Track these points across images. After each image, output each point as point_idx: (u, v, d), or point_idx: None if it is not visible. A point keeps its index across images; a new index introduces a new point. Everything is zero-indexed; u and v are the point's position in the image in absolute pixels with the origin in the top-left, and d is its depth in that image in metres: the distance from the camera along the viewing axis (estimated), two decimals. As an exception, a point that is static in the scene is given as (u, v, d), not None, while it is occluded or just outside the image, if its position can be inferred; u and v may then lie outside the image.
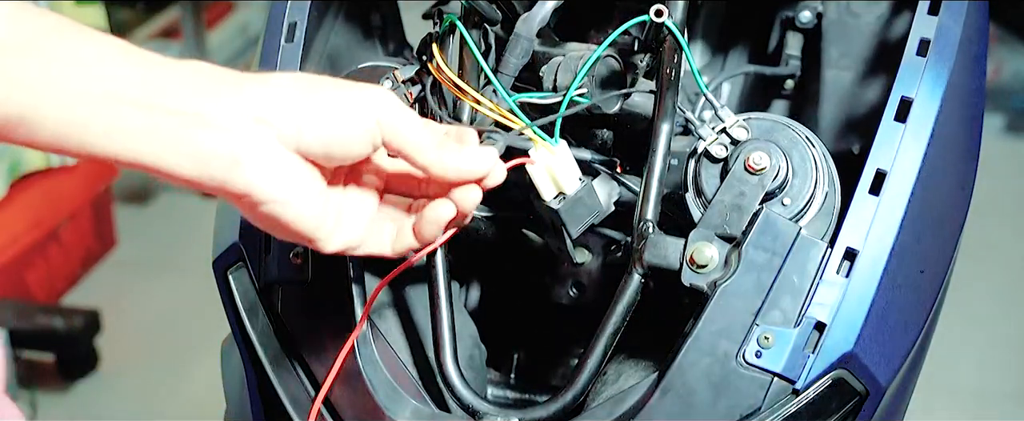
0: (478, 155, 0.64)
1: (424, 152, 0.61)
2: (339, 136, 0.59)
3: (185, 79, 0.57)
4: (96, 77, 0.55)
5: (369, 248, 0.65)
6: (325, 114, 0.59)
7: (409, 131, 0.61)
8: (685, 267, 0.70)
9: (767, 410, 0.68)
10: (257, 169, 0.57)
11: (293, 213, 0.59)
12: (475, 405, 0.74)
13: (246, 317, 0.80)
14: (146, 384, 2.15)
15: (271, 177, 0.58)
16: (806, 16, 1.02)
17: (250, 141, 0.57)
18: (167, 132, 0.56)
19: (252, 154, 0.57)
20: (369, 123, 0.60)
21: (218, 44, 3.03)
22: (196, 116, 0.56)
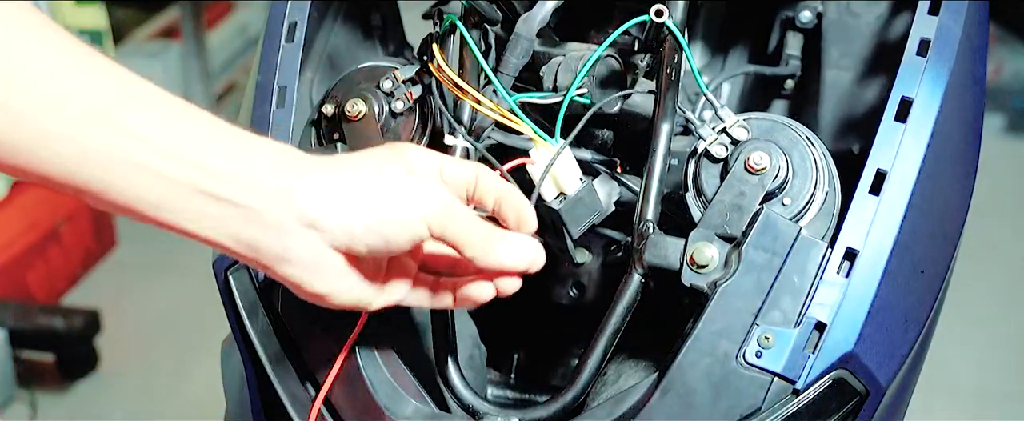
0: (524, 247, 0.66)
1: (473, 246, 0.64)
2: (387, 238, 0.61)
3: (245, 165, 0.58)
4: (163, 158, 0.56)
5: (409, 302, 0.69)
6: (375, 220, 0.60)
7: (459, 228, 0.63)
8: (685, 267, 0.70)
9: (767, 410, 0.68)
10: (303, 267, 0.60)
11: (336, 300, 0.63)
12: (475, 405, 0.74)
13: (246, 317, 0.80)
14: (146, 384, 2.15)
15: (316, 274, 0.61)
16: (806, 16, 1.02)
17: (299, 241, 0.60)
18: (222, 220, 0.58)
19: (299, 254, 0.60)
20: (418, 225, 0.62)
21: (218, 44, 3.03)
22: (249, 212, 0.58)
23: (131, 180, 0.56)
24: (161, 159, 0.56)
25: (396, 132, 0.84)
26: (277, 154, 0.60)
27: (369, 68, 0.86)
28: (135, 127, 0.56)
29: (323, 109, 0.86)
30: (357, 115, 0.82)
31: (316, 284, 0.61)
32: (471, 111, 0.80)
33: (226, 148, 0.58)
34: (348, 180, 0.61)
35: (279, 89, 0.85)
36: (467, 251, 0.64)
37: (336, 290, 0.62)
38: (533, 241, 0.67)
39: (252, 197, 0.58)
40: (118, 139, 0.55)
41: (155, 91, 0.58)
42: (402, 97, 0.84)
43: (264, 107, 0.85)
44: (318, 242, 0.60)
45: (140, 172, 0.56)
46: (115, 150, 0.55)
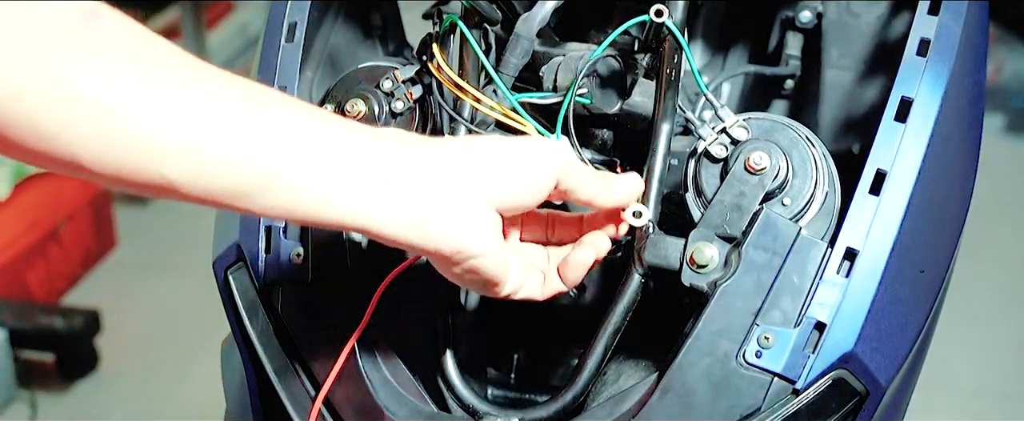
0: (629, 182, 0.71)
1: (592, 188, 0.68)
2: (530, 189, 0.64)
3: (395, 149, 0.60)
4: (322, 149, 0.57)
5: (525, 293, 0.70)
6: (517, 170, 0.64)
7: (582, 173, 0.67)
8: (685, 267, 0.70)
9: (767, 410, 0.68)
10: (469, 229, 0.62)
11: (491, 263, 0.64)
12: (475, 405, 0.74)
13: (246, 317, 0.80)
14: (146, 384, 2.15)
15: (479, 234, 0.63)
16: (806, 16, 1.02)
17: (462, 205, 0.62)
18: (390, 202, 0.59)
19: (464, 216, 0.62)
20: (550, 173, 0.65)
21: (218, 44, 3.03)
22: (414, 185, 0.60)
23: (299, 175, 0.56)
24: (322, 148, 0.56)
25: (396, 132, 0.84)
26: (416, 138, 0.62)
27: (369, 68, 0.86)
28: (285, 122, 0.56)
29: (323, 109, 0.85)
30: (357, 115, 0.82)
31: (481, 244, 0.63)
32: (471, 111, 0.80)
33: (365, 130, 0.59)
34: (489, 146, 0.64)
35: (279, 89, 0.85)
36: (586, 194, 0.67)
37: (492, 250, 0.64)
38: (633, 174, 0.72)
39: (414, 173, 0.60)
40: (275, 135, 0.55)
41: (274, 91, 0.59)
42: (402, 97, 0.84)
43: (264, 107, 0.85)
44: (478, 201, 0.62)
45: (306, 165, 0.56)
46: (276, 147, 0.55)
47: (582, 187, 0.67)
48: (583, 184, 0.67)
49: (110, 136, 0.51)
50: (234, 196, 0.55)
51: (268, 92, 0.58)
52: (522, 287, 0.70)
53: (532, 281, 0.71)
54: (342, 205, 0.58)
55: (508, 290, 0.68)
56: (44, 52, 0.49)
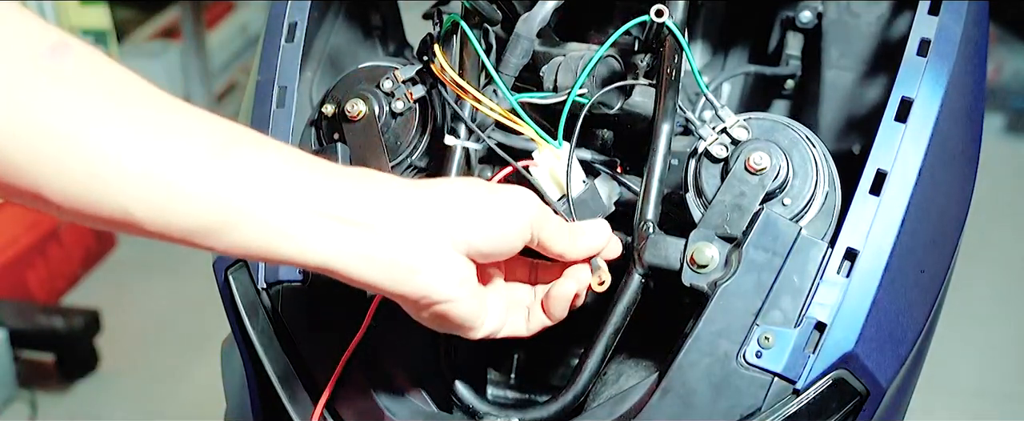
0: (597, 232, 0.71)
1: (562, 240, 0.68)
2: (504, 238, 0.64)
3: (364, 191, 0.60)
4: (286, 190, 0.56)
5: (508, 331, 0.70)
6: (490, 218, 0.64)
7: (553, 227, 0.67)
8: (685, 267, 0.70)
9: (767, 410, 0.68)
10: (434, 274, 0.61)
11: (461, 309, 0.64)
12: (475, 405, 0.74)
13: (246, 317, 0.80)
14: (146, 384, 2.15)
15: (446, 280, 0.62)
16: (806, 16, 1.02)
17: (428, 251, 0.61)
18: (353, 244, 0.59)
19: (429, 262, 0.61)
20: (524, 223, 0.65)
21: (218, 44, 3.03)
22: (379, 229, 0.59)
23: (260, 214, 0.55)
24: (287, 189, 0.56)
25: (396, 132, 0.84)
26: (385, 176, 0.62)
27: (369, 68, 0.86)
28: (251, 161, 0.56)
29: (323, 109, 0.86)
30: (357, 115, 0.82)
31: (447, 291, 0.62)
32: (472, 111, 0.80)
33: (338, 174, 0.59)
34: (463, 191, 0.64)
35: (279, 89, 0.85)
36: (556, 247, 0.68)
37: (461, 297, 0.63)
38: (603, 223, 0.72)
39: (377, 213, 0.59)
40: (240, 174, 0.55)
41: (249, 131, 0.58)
42: (402, 97, 0.84)
43: (264, 107, 0.85)
44: (446, 247, 0.62)
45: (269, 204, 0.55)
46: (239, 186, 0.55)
47: (553, 241, 0.68)
48: (554, 238, 0.68)
49: (74, 169, 0.51)
50: (197, 234, 0.55)
51: (238, 131, 0.57)
52: (504, 327, 0.70)
53: (516, 319, 0.71)
54: (305, 246, 0.57)
55: (483, 333, 0.68)
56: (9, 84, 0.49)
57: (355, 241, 0.58)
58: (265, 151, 0.57)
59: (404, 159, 0.84)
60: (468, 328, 0.66)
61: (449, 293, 0.63)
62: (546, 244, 0.67)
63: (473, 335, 0.67)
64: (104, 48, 2.33)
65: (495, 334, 0.69)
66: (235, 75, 3.11)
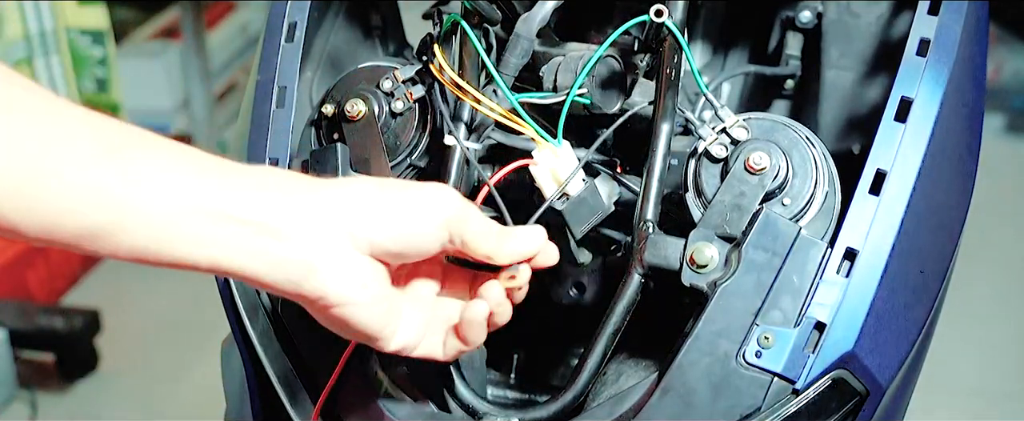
0: (529, 236, 0.66)
1: (487, 241, 0.64)
2: (412, 237, 0.62)
3: (259, 189, 0.58)
4: (175, 189, 0.55)
5: (423, 350, 0.67)
6: (397, 217, 0.61)
7: (476, 227, 0.63)
8: (685, 267, 0.70)
9: (767, 410, 0.68)
10: (330, 275, 0.59)
11: (363, 314, 0.61)
12: (475, 405, 0.74)
13: (246, 317, 0.80)
14: (146, 384, 2.15)
15: (343, 281, 0.60)
16: (806, 16, 1.02)
17: (323, 248, 0.59)
18: (244, 242, 0.57)
19: (325, 261, 0.59)
20: (438, 222, 0.62)
21: (218, 44, 3.03)
22: (271, 227, 0.57)
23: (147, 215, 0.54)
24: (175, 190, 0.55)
25: (396, 132, 0.84)
26: (288, 175, 0.61)
27: (369, 68, 0.86)
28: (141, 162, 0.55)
29: (323, 109, 0.86)
30: (357, 115, 0.82)
31: (345, 292, 0.60)
32: (471, 111, 0.80)
33: (235, 174, 0.58)
34: (366, 186, 0.62)
35: (279, 89, 0.85)
36: (482, 249, 0.63)
37: (363, 300, 0.61)
38: (539, 229, 0.67)
39: (271, 212, 0.58)
40: (127, 175, 0.54)
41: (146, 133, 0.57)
42: (402, 97, 0.84)
43: (264, 107, 0.85)
44: (344, 246, 0.60)
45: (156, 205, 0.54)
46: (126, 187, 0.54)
47: (477, 242, 0.63)
48: (479, 239, 0.63)
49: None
50: (84, 238, 0.54)
51: (127, 132, 0.56)
52: (420, 344, 0.66)
53: (433, 339, 0.67)
54: (194, 248, 0.56)
55: (394, 346, 0.65)
56: None
57: (246, 240, 0.57)
58: (154, 152, 0.56)
59: (404, 159, 0.85)
60: (374, 337, 0.63)
61: (348, 295, 0.60)
62: (470, 246, 0.63)
63: (382, 346, 0.64)
64: (102, 48, 2.33)
65: (408, 351, 0.66)
66: (235, 75, 3.11)
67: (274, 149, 0.83)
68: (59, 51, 2.14)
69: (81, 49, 2.30)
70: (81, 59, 2.30)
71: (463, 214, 0.63)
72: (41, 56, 2.13)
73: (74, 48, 2.25)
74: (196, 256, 0.57)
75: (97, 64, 2.33)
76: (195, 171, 0.57)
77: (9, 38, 2.06)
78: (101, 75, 2.34)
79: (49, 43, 2.13)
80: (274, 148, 0.83)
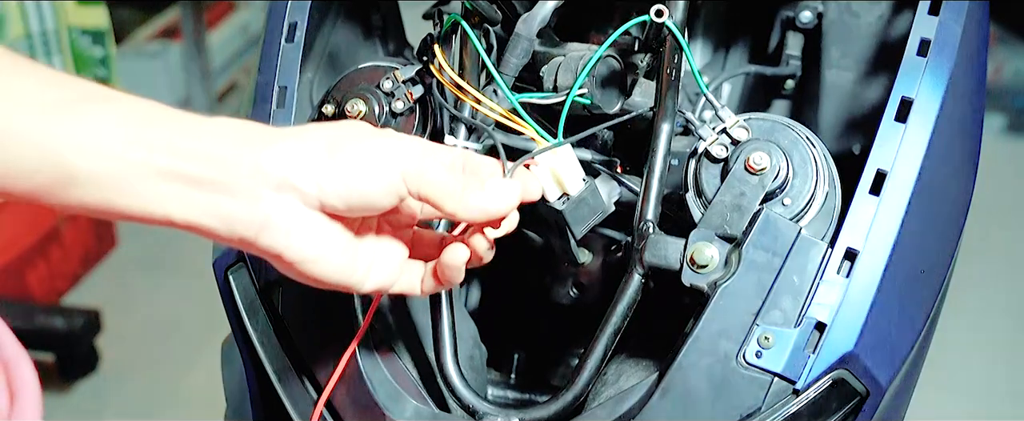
0: (499, 193, 0.64)
1: (450, 199, 0.62)
2: (362, 192, 0.60)
3: (211, 144, 0.58)
4: (124, 147, 0.55)
5: (401, 287, 0.67)
6: (347, 172, 0.60)
7: (433, 181, 0.61)
8: (685, 267, 0.70)
9: (767, 410, 0.68)
10: (282, 232, 0.59)
11: (322, 268, 0.61)
12: (475, 405, 0.74)
13: (246, 317, 0.80)
14: (146, 384, 2.15)
15: (297, 238, 0.59)
16: (806, 16, 1.02)
17: (273, 206, 0.58)
18: (195, 199, 0.57)
19: (276, 218, 0.59)
20: (393, 177, 0.61)
21: (218, 44, 3.03)
22: (220, 183, 0.57)
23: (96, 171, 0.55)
24: (125, 146, 0.55)
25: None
26: (242, 129, 0.59)
27: (369, 68, 0.86)
28: (93, 117, 0.55)
29: (323, 109, 0.86)
30: (357, 115, 0.83)
31: (299, 250, 0.60)
32: (471, 111, 0.80)
33: (188, 128, 0.58)
34: (318, 137, 0.60)
35: (279, 89, 0.85)
36: (446, 204, 0.62)
37: (320, 256, 0.60)
38: (510, 183, 0.65)
39: (220, 171, 0.57)
40: (79, 131, 0.54)
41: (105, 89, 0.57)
42: (402, 97, 0.84)
43: (264, 107, 0.85)
44: (294, 203, 0.59)
45: (104, 161, 0.55)
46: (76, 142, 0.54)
47: (439, 197, 0.61)
48: (440, 194, 0.61)
49: None
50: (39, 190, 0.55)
51: (88, 89, 0.56)
52: (395, 283, 0.66)
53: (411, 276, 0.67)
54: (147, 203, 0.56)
55: (365, 289, 0.65)
56: None
57: (196, 197, 0.57)
58: (112, 107, 0.56)
59: (404, 159, 0.84)
60: (340, 285, 0.63)
61: (302, 252, 0.60)
62: (433, 200, 0.61)
63: (353, 290, 0.64)
64: (103, 48, 2.33)
65: (385, 290, 0.66)
66: (235, 75, 3.11)
67: (274, 149, 0.83)
68: (61, 51, 2.14)
69: (82, 49, 2.30)
70: (82, 59, 2.30)
71: (421, 165, 0.61)
72: (43, 56, 2.13)
73: (75, 48, 2.25)
74: (149, 211, 0.57)
75: (98, 64, 2.33)
76: (146, 127, 0.56)
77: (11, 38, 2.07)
78: (102, 75, 2.34)
79: (51, 43, 2.14)
80: (274, 148, 0.83)
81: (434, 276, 0.67)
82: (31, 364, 0.63)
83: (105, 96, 0.57)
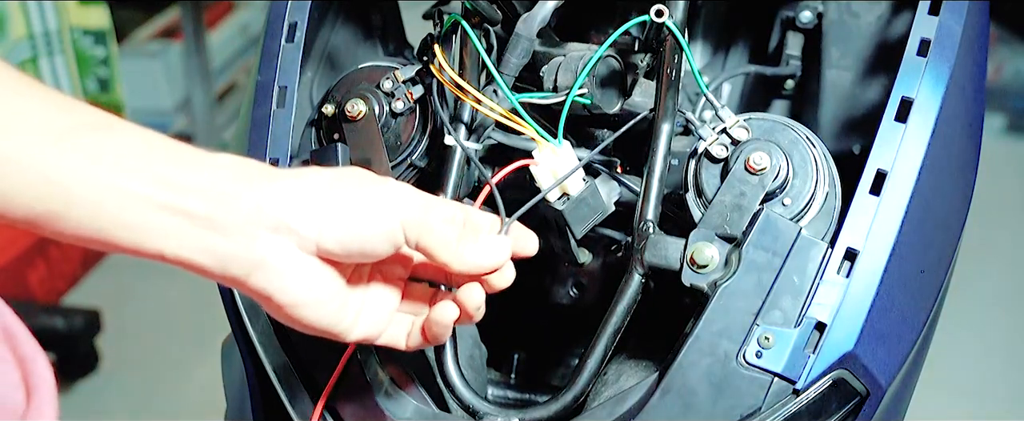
0: (493, 247, 0.64)
1: (445, 249, 0.61)
2: (360, 239, 0.59)
3: (209, 181, 0.57)
4: (122, 179, 0.55)
5: (386, 340, 0.66)
6: (346, 218, 0.59)
7: (432, 231, 0.61)
8: (685, 267, 0.70)
9: (767, 410, 0.68)
10: (274, 275, 0.58)
11: (311, 313, 0.60)
12: (475, 405, 0.74)
13: (246, 317, 0.80)
14: (146, 384, 2.15)
15: (289, 281, 0.59)
16: (806, 16, 1.02)
17: (268, 248, 0.58)
18: (189, 235, 0.56)
19: (270, 261, 0.58)
20: (392, 224, 0.60)
21: (218, 44, 3.03)
22: (216, 222, 0.56)
23: (93, 202, 0.54)
24: (123, 177, 0.55)
25: (396, 132, 0.84)
26: (243, 166, 0.59)
27: (369, 68, 0.86)
28: (94, 147, 0.54)
29: (323, 109, 0.86)
30: (357, 115, 0.83)
31: (289, 293, 0.59)
32: (472, 111, 0.80)
33: (188, 163, 0.57)
34: (319, 182, 0.60)
35: (279, 89, 0.85)
36: (441, 254, 0.61)
37: (311, 301, 0.60)
38: (503, 239, 0.65)
39: (217, 207, 0.56)
40: (77, 160, 0.54)
41: (109, 117, 0.57)
42: (402, 97, 0.84)
43: (264, 107, 0.85)
44: (289, 246, 0.58)
45: (102, 192, 0.54)
46: (75, 172, 0.54)
47: (434, 247, 0.61)
48: (438, 246, 0.61)
49: None
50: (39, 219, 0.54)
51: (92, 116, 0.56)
52: (381, 335, 0.66)
53: (397, 329, 0.66)
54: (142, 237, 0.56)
55: (351, 338, 0.64)
56: None
57: (190, 233, 0.56)
58: (115, 137, 0.56)
59: (404, 159, 0.85)
60: (327, 332, 0.62)
61: (292, 296, 0.59)
62: (429, 251, 0.61)
63: (340, 338, 0.63)
64: (105, 48, 2.33)
65: (371, 341, 0.65)
66: (235, 75, 3.11)
67: (274, 149, 0.83)
68: (63, 51, 2.14)
69: (84, 49, 2.30)
70: (84, 59, 2.30)
71: (422, 216, 0.61)
72: (45, 56, 2.13)
73: (77, 48, 2.25)
74: (140, 244, 0.56)
75: (99, 64, 2.33)
76: (147, 159, 0.56)
77: (13, 38, 2.06)
78: (103, 75, 2.34)
79: (53, 43, 2.13)
80: (274, 148, 0.83)
81: (421, 332, 0.66)
82: (47, 362, 0.62)
83: (108, 124, 0.56)
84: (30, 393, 0.61)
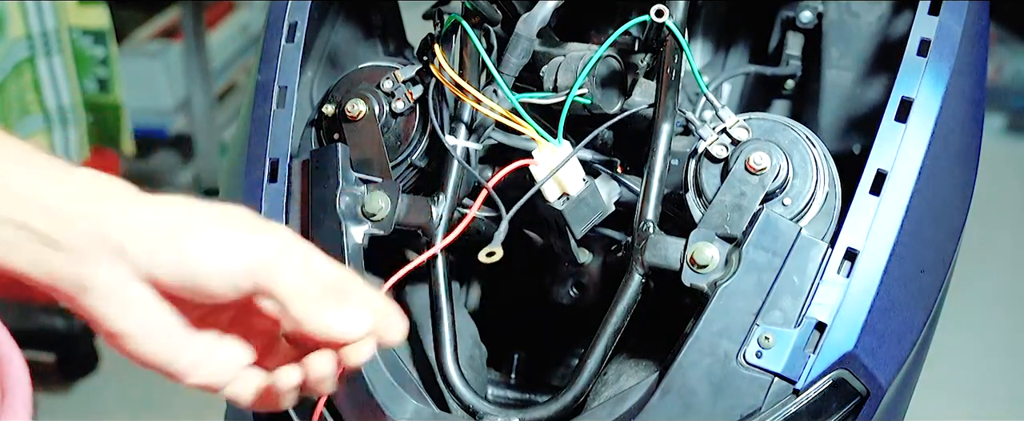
0: (352, 317, 0.58)
1: (297, 302, 0.56)
2: (194, 276, 0.55)
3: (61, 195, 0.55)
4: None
5: (230, 393, 0.61)
6: (185, 252, 0.55)
7: (283, 278, 0.56)
8: (685, 267, 0.70)
9: (767, 410, 0.68)
10: (100, 301, 0.55)
11: (139, 347, 0.57)
12: (475, 405, 0.74)
13: (246, 317, 0.80)
14: (146, 384, 2.14)
15: (115, 309, 0.55)
16: (807, 16, 1.02)
17: (99, 272, 0.55)
18: (25, 247, 0.54)
19: (99, 285, 0.55)
20: (234, 265, 0.55)
21: (219, 44, 3.03)
22: (52, 238, 0.54)
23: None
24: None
25: (396, 132, 0.84)
26: (93, 182, 0.56)
27: (369, 68, 0.86)
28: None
29: (323, 109, 0.86)
30: (357, 115, 0.82)
31: (116, 321, 0.55)
32: (472, 111, 0.80)
33: (34, 174, 0.55)
34: (177, 213, 0.56)
35: (279, 89, 0.85)
36: (292, 306, 0.56)
37: (139, 334, 0.56)
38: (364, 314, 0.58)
39: (50, 221, 0.54)
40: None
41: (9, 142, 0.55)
42: (402, 97, 0.84)
43: (264, 107, 0.85)
44: (122, 274, 0.55)
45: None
46: None
47: (289, 300, 0.56)
48: (292, 299, 0.56)
49: None
50: None
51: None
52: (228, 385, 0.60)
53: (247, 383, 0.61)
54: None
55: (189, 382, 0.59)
56: None
57: (28, 248, 0.54)
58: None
59: (404, 159, 0.85)
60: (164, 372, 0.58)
61: (121, 325, 0.55)
62: (279, 299, 0.56)
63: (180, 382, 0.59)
64: (104, 48, 2.32)
65: (213, 389, 0.60)
66: (235, 75, 3.10)
67: (274, 149, 0.83)
68: (62, 51, 2.13)
69: (83, 49, 2.29)
70: (83, 59, 2.29)
71: (277, 264, 0.56)
72: (44, 56, 2.12)
73: (76, 48, 2.25)
74: None
75: (99, 64, 2.33)
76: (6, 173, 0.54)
77: (12, 38, 2.06)
78: (103, 75, 2.33)
79: (52, 43, 2.13)
80: (274, 148, 0.83)
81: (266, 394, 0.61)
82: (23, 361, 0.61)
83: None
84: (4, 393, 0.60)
